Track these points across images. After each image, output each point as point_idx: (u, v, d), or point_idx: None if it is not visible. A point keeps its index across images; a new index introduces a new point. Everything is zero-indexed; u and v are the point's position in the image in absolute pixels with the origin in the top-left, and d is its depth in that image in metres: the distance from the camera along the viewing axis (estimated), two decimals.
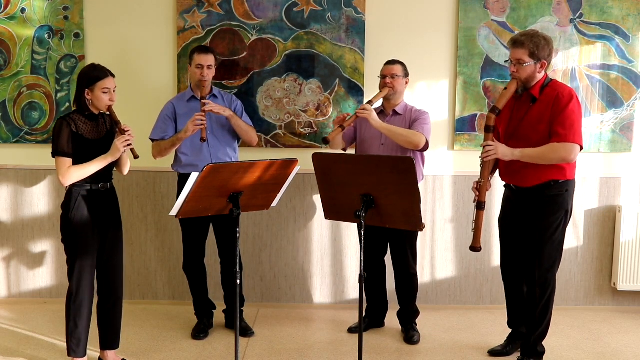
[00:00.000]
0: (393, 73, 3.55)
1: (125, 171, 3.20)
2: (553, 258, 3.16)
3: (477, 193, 3.13)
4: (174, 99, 3.72)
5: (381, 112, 3.64)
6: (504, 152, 3.04)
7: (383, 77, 3.58)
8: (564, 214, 3.12)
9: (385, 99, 3.60)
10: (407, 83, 3.63)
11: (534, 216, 3.13)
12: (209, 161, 3.45)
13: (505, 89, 3.07)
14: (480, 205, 3.10)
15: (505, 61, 3.21)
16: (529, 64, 3.01)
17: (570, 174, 3.10)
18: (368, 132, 3.57)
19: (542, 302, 3.17)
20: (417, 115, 3.56)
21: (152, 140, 3.64)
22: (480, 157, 3.11)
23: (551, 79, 3.12)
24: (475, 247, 3.12)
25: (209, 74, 3.57)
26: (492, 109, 3.04)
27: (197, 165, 3.49)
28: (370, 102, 3.47)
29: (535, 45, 2.99)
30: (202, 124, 3.39)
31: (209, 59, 3.56)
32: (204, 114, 3.41)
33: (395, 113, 3.61)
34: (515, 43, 3.04)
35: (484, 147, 3.06)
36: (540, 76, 3.07)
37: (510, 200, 3.29)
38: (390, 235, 3.62)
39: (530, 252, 3.17)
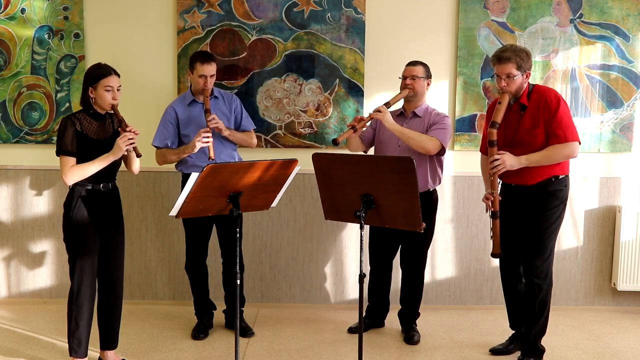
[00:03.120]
0: (414, 74, 3.50)
1: (136, 169, 3.18)
2: (550, 248, 3.23)
3: (490, 204, 3.19)
4: (175, 103, 3.68)
5: (401, 114, 3.59)
6: (512, 163, 3.13)
7: (404, 78, 3.53)
8: (563, 206, 3.24)
9: (406, 100, 3.55)
10: (429, 85, 3.59)
11: (534, 209, 3.21)
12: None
13: (499, 103, 3.17)
14: (495, 215, 3.17)
15: (492, 77, 3.28)
16: (518, 76, 3.14)
17: (567, 169, 3.25)
18: (385, 134, 3.53)
19: (541, 293, 3.22)
20: (436, 119, 3.52)
21: (155, 147, 3.62)
22: (490, 170, 3.16)
23: (533, 85, 3.26)
24: (495, 254, 3.18)
25: (212, 82, 3.54)
26: (492, 124, 3.13)
27: (201, 165, 3.47)
28: (387, 104, 3.43)
29: (520, 59, 3.13)
30: (208, 142, 3.36)
31: (212, 69, 3.51)
32: (209, 130, 3.38)
33: (415, 115, 3.56)
34: (502, 59, 3.15)
35: (491, 161, 3.13)
36: (525, 86, 3.21)
37: (509, 198, 3.32)
38: (404, 237, 3.60)
39: (530, 242, 3.23)
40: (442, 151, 3.48)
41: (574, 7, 4.01)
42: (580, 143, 3.16)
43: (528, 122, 3.16)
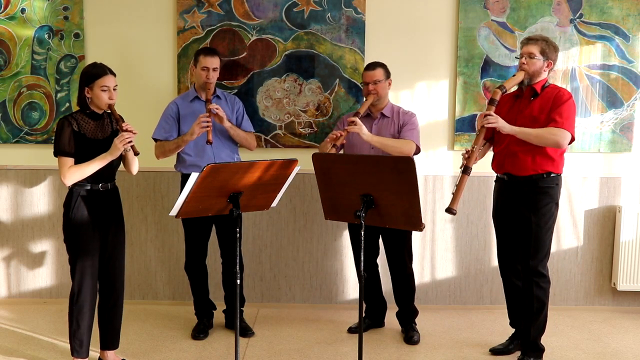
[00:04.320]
0: (375, 79, 3.52)
1: (134, 170, 3.18)
2: (546, 247, 3.24)
3: (467, 156, 3.16)
4: (177, 99, 3.71)
5: (368, 116, 3.61)
6: (504, 125, 3.15)
7: (365, 84, 3.56)
8: (555, 205, 3.26)
9: (371, 104, 3.59)
10: (389, 84, 3.63)
11: (528, 205, 3.22)
12: (212, 161, 3.46)
13: (514, 75, 3.24)
14: (466, 170, 3.12)
15: (516, 57, 3.45)
16: (538, 59, 3.21)
17: (560, 169, 3.26)
18: (357, 137, 3.53)
19: (539, 291, 3.23)
20: (405, 119, 3.57)
21: (155, 140, 3.64)
22: (479, 123, 3.19)
23: (550, 83, 3.30)
24: (451, 209, 3.01)
25: (214, 76, 3.56)
26: (499, 86, 3.18)
27: (200, 165, 3.47)
28: (357, 114, 3.45)
29: (547, 45, 3.23)
30: (207, 126, 3.38)
31: (214, 62, 3.55)
32: (208, 115, 3.40)
33: (383, 116, 3.61)
34: (530, 39, 3.28)
35: (484, 115, 3.15)
36: (544, 75, 3.25)
37: (502, 192, 3.37)
38: (384, 236, 3.63)
39: (525, 243, 3.25)
40: (417, 150, 3.53)
41: (574, 7, 4.01)
42: (574, 139, 3.17)
43: (536, 109, 3.20)
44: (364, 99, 3.59)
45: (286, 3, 4.01)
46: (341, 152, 3.73)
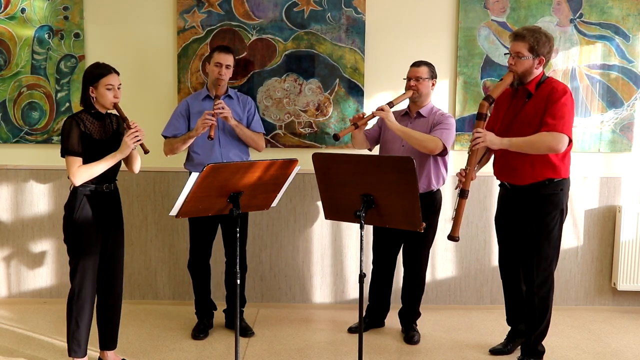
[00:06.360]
0: (417, 75, 3.50)
1: (136, 169, 3.16)
2: (550, 257, 3.16)
3: (463, 180, 3.06)
4: (189, 97, 3.73)
5: (406, 114, 3.60)
6: (493, 140, 3.03)
7: (408, 79, 3.54)
8: (560, 213, 3.13)
9: (411, 100, 3.56)
10: (434, 85, 3.57)
11: (530, 215, 3.13)
12: (219, 160, 3.46)
13: (501, 79, 3.08)
14: (463, 194, 3.04)
15: (505, 54, 3.22)
16: (527, 58, 3.02)
17: (565, 173, 3.11)
18: (390, 133, 3.53)
19: (541, 301, 3.18)
20: (439, 119, 3.50)
21: (164, 137, 3.64)
22: (469, 145, 3.10)
23: (547, 77, 3.14)
24: (453, 237, 3.02)
25: (227, 74, 3.58)
26: (486, 97, 3.04)
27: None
28: (390, 103, 3.43)
29: (535, 41, 3.00)
30: (210, 123, 3.39)
31: (228, 59, 3.57)
32: (214, 113, 3.40)
33: (419, 115, 3.57)
34: (517, 36, 3.05)
35: (473, 134, 3.06)
36: (537, 72, 3.08)
37: (505, 199, 3.30)
38: (406, 236, 3.61)
39: (528, 251, 3.17)
40: (444, 151, 3.46)
41: (574, 7, 4.01)
42: (571, 140, 3.02)
43: (530, 110, 3.05)
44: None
45: (286, 3, 4.01)
46: (378, 146, 3.73)
